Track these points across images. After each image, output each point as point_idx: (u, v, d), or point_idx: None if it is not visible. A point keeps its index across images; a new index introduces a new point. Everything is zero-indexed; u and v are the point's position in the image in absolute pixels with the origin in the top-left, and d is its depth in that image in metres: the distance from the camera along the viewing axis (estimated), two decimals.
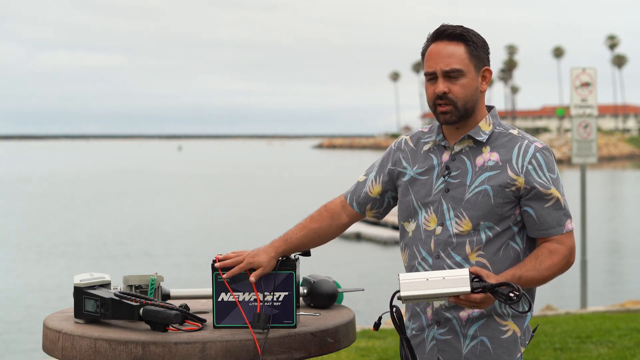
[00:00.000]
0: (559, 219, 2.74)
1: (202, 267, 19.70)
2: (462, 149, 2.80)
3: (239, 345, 2.64)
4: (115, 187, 50.90)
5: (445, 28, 2.78)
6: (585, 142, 11.37)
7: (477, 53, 2.76)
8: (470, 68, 2.75)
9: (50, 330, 2.79)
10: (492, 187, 2.73)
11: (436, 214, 2.79)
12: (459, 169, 2.78)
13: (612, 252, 23.87)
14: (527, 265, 2.70)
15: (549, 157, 2.77)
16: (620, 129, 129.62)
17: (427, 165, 2.85)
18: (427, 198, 2.82)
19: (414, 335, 2.87)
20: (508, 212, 2.74)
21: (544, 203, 2.73)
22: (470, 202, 2.74)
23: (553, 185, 2.74)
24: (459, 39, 2.75)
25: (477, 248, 2.74)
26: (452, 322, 2.77)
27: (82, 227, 29.77)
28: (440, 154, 2.84)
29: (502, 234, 2.75)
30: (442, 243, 2.77)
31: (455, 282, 2.55)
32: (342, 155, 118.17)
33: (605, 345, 7.39)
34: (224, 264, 2.83)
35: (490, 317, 2.76)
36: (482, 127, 2.79)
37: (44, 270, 20.76)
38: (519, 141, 2.77)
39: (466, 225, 2.74)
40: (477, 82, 2.77)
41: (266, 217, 32.73)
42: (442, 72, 2.74)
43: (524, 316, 2.79)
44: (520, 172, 2.72)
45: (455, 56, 2.73)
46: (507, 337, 2.77)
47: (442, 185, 2.79)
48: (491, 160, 2.76)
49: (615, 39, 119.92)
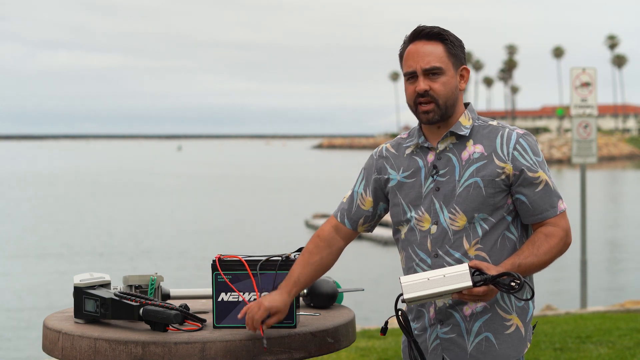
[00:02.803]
0: (551, 201, 2.76)
1: (202, 267, 19.71)
2: (447, 147, 2.82)
3: (239, 345, 2.64)
4: (115, 187, 50.90)
5: (423, 28, 2.81)
6: (585, 142, 11.37)
7: (455, 52, 2.79)
8: (450, 66, 2.78)
9: (50, 330, 2.79)
10: (482, 178, 2.75)
11: (429, 213, 2.79)
12: (446, 167, 2.80)
13: (612, 253, 23.88)
14: (525, 252, 2.71)
15: (532, 142, 2.79)
16: (620, 129, 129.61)
17: (413, 167, 2.85)
18: (418, 200, 2.82)
19: (417, 335, 2.87)
20: (500, 201, 2.76)
21: (534, 188, 2.75)
22: (462, 196, 2.75)
23: (540, 167, 2.76)
24: (436, 38, 2.78)
25: (475, 242, 2.75)
26: (456, 319, 2.77)
27: (82, 227, 29.78)
28: (425, 155, 2.85)
29: (498, 225, 2.77)
30: (439, 241, 2.77)
31: (456, 278, 2.56)
32: (342, 155, 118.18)
33: (605, 345, 7.39)
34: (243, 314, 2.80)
35: (494, 312, 2.76)
36: (463, 122, 2.82)
37: (43, 270, 20.75)
38: (500, 130, 2.81)
39: (461, 219, 2.75)
40: (456, 81, 2.80)
41: (266, 217, 32.73)
42: (422, 71, 2.76)
43: (527, 309, 2.81)
44: (507, 159, 2.75)
45: (434, 54, 2.76)
46: (511, 332, 2.77)
47: (432, 185, 2.80)
48: (476, 152, 2.78)
49: (615, 39, 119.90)
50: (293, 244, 19.63)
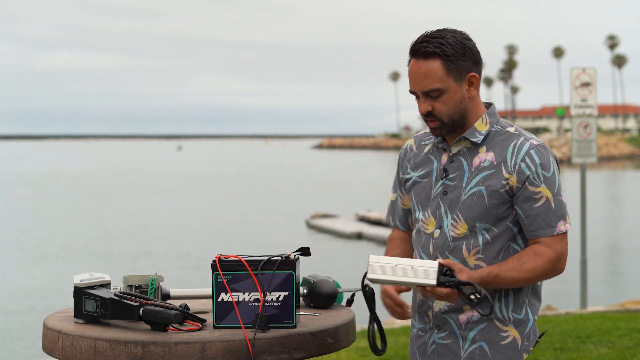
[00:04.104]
0: (548, 220, 2.67)
1: (202, 267, 19.72)
2: (460, 150, 2.77)
3: (239, 345, 2.64)
4: (115, 187, 50.89)
5: (419, 46, 2.69)
6: (585, 142, 11.36)
7: (455, 65, 2.67)
8: (450, 83, 2.67)
9: (50, 330, 2.79)
10: (487, 188, 2.68)
11: (434, 216, 2.77)
12: (456, 171, 2.75)
13: (612, 252, 23.88)
14: (508, 265, 2.64)
15: (544, 155, 2.69)
16: (620, 129, 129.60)
17: (428, 168, 2.83)
18: (427, 201, 2.80)
19: (419, 335, 2.86)
20: (504, 212, 2.69)
21: (532, 203, 2.66)
22: (466, 203, 2.70)
23: (544, 183, 2.66)
24: (433, 55, 2.66)
25: (476, 251, 2.70)
26: (451, 325, 2.75)
27: (82, 227, 29.77)
28: (440, 156, 2.81)
29: (501, 235, 2.71)
30: (440, 247, 2.75)
31: (422, 273, 2.54)
32: (342, 155, 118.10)
33: (605, 345, 7.39)
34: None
35: (490, 322, 2.73)
36: (478, 127, 2.75)
37: (43, 270, 20.75)
38: (515, 139, 2.71)
39: (462, 227, 2.71)
40: (462, 92, 2.70)
41: (266, 217, 32.73)
42: (422, 93, 2.70)
43: (527, 322, 2.74)
44: (513, 170, 2.67)
45: (430, 75, 2.66)
46: (506, 343, 2.72)
47: (440, 188, 2.77)
48: (487, 160, 2.71)
49: (615, 39, 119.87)
50: (293, 244, 19.62)
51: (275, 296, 2.80)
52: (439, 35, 2.69)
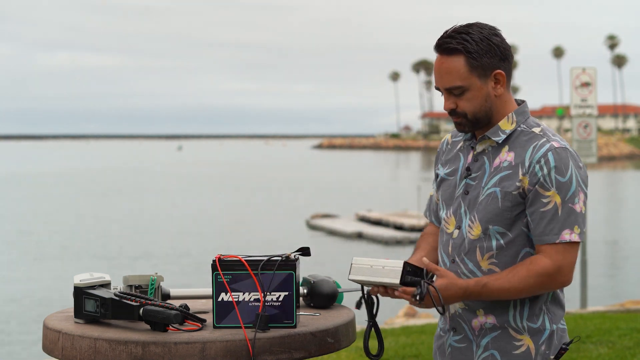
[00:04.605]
0: (553, 226, 2.55)
1: (202, 267, 19.71)
2: (485, 149, 2.69)
3: (239, 345, 2.64)
4: (115, 187, 50.90)
5: (442, 42, 2.62)
6: (585, 142, 11.37)
7: (479, 62, 2.59)
8: (473, 80, 2.60)
9: (50, 330, 2.79)
10: (502, 189, 2.60)
11: (455, 216, 2.71)
12: (478, 170, 2.68)
13: (612, 253, 23.88)
14: (501, 274, 2.56)
15: (562, 159, 2.57)
16: (620, 129, 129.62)
17: (455, 165, 2.76)
18: (450, 200, 2.74)
19: (440, 335, 2.81)
20: (518, 215, 2.60)
21: (540, 206, 2.56)
22: (482, 204, 2.63)
23: (555, 187, 2.55)
24: (456, 52, 2.59)
25: (489, 255, 2.63)
26: (465, 329, 2.70)
27: (82, 227, 29.78)
28: (467, 154, 2.74)
29: (516, 240, 2.61)
30: (457, 247, 2.69)
31: (389, 273, 2.55)
32: (342, 155, 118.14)
33: (605, 345, 7.39)
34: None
35: (504, 330, 2.65)
36: (502, 126, 2.66)
37: (43, 270, 20.76)
38: (537, 140, 2.61)
39: (476, 229, 2.64)
40: (487, 90, 2.62)
41: (266, 217, 32.73)
42: (445, 90, 2.64)
43: (543, 331, 2.65)
44: (527, 172, 2.58)
45: (453, 72, 2.59)
46: (519, 352, 2.63)
47: (463, 187, 2.71)
48: (506, 160, 2.63)
49: (615, 39, 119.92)
50: (293, 244, 19.61)
51: (276, 296, 2.80)
52: (464, 31, 2.61)
